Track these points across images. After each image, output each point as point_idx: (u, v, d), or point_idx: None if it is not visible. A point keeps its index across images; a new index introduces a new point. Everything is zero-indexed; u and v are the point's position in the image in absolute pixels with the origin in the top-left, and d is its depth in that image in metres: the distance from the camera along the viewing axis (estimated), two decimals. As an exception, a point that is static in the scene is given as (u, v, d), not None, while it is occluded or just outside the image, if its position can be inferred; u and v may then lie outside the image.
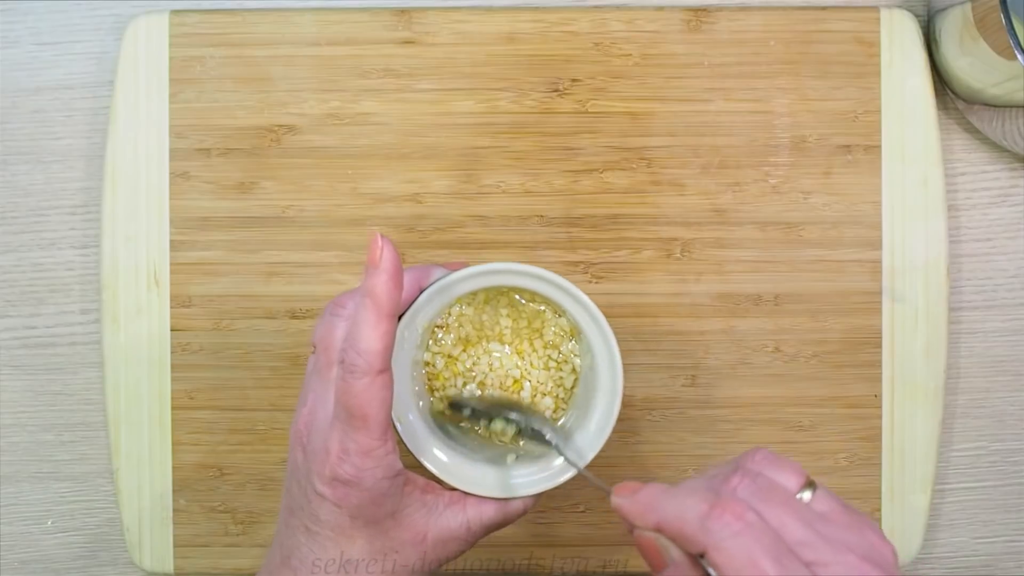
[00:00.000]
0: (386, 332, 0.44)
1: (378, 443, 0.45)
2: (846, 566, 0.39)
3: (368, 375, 0.44)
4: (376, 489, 0.45)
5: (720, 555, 0.38)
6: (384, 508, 0.46)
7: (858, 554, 0.39)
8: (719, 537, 0.38)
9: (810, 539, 0.39)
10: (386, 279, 0.44)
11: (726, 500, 0.39)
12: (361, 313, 0.44)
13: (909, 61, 0.61)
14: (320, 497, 0.45)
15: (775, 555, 0.38)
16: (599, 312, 0.49)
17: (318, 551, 0.46)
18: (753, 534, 0.38)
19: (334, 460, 0.45)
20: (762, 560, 0.38)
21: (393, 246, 0.45)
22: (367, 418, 0.44)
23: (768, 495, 0.40)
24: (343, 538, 0.46)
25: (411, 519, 0.47)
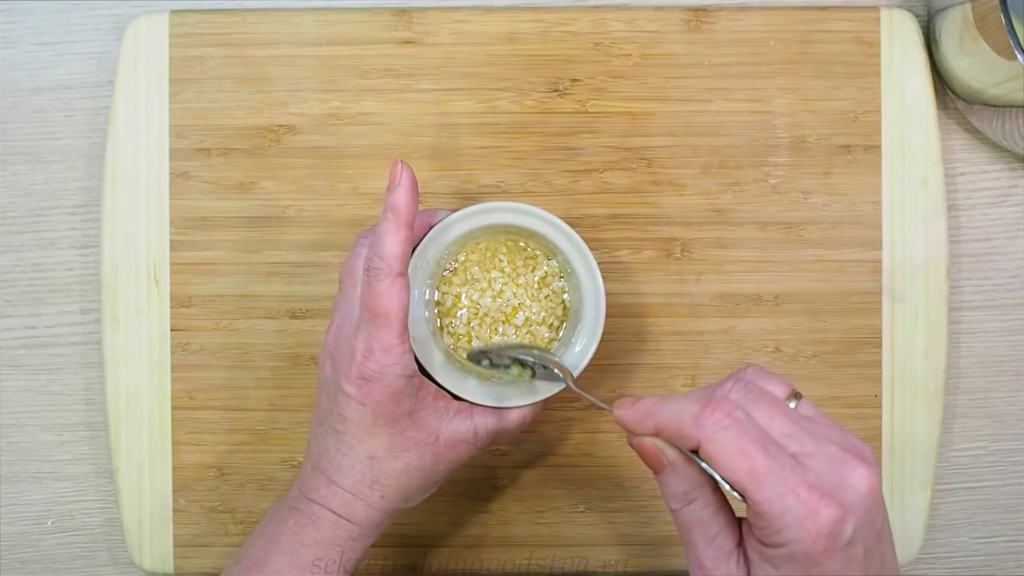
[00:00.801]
0: (405, 239, 0.50)
1: (397, 341, 0.50)
2: (828, 456, 0.42)
3: (389, 276, 0.50)
4: (395, 386, 0.51)
5: (713, 447, 0.42)
6: (402, 406, 0.51)
7: (839, 446, 0.43)
8: (711, 431, 0.42)
9: (795, 433, 0.43)
10: (404, 193, 0.51)
11: (717, 400, 0.43)
12: (383, 224, 0.51)
13: (909, 61, 0.61)
14: (347, 397, 0.51)
15: (762, 445, 0.42)
16: (585, 246, 0.54)
17: (345, 449, 0.52)
18: (742, 427, 0.42)
19: (359, 359, 0.50)
20: (751, 449, 0.41)
21: (411, 169, 0.51)
22: (388, 315, 0.50)
23: (757, 398, 0.44)
24: (367, 435, 0.51)
25: (425, 420, 0.52)
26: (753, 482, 0.41)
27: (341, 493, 0.52)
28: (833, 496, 0.41)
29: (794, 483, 0.41)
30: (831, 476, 0.42)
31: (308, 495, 0.52)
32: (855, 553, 0.42)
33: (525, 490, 0.61)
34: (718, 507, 0.45)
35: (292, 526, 0.52)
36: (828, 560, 0.41)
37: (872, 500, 0.42)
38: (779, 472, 0.41)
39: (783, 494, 0.41)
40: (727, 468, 0.42)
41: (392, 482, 0.52)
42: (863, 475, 0.42)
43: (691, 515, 0.45)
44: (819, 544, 0.41)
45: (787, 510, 0.41)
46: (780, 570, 0.42)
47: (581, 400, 0.61)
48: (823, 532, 0.41)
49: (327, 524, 0.52)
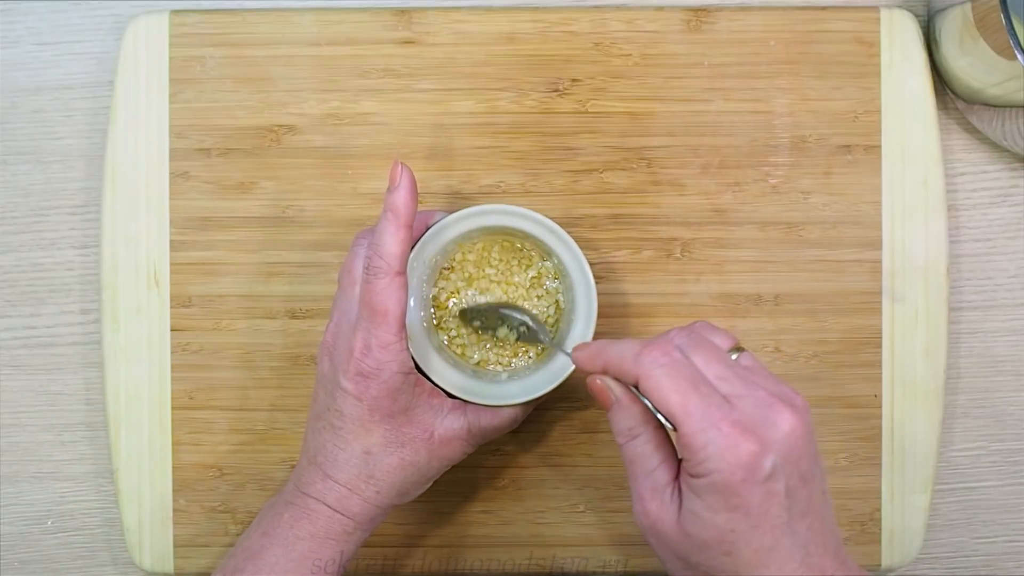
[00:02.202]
0: (404, 239, 0.51)
1: (395, 338, 0.51)
2: (756, 399, 0.45)
3: (388, 275, 0.51)
4: (392, 382, 0.52)
5: (648, 382, 0.45)
6: (399, 403, 0.52)
7: (769, 391, 0.46)
8: (648, 367, 0.46)
9: (728, 376, 0.46)
10: (404, 193, 0.51)
11: (659, 341, 0.47)
12: (383, 224, 0.52)
13: (909, 61, 0.61)
14: (344, 392, 0.52)
15: (694, 383, 0.45)
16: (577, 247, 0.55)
17: (341, 444, 0.53)
18: (677, 366, 0.45)
19: (358, 355, 0.51)
20: (682, 385, 0.45)
21: (411, 170, 0.52)
22: (387, 313, 0.51)
23: (697, 344, 0.47)
24: (363, 430, 0.52)
25: (420, 417, 0.53)
26: (682, 415, 0.44)
27: (337, 488, 0.52)
28: (754, 432, 0.44)
29: (718, 418, 0.44)
30: (756, 416, 0.45)
31: (304, 489, 0.53)
32: (775, 489, 0.44)
33: (525, 490, 0.61)
34: (658, 444, 0.48)
35: (288, 520, 0.53)
36: (746, 492, 0.44)
37: (795, 441, 0.45)
38: (706, 408, 0.44)
39: (707, 428, 0.44)
40: (660, 402, 0.45)
41: (387, 477, 0.53)
42: (787, 417, 0.45)
43: (634, 449, 0.48)
44: (737, 475, 0.44)
45: (710, 442, 0.44)
46: (704, 499, 0.45)
47: (581, 400, 0.61)
48: (740, 464, 0.44)
49: (322, 518, 0.52)
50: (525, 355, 0.58)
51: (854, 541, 0.61)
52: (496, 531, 0.62)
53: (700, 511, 0.45)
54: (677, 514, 0.46)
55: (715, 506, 0.44)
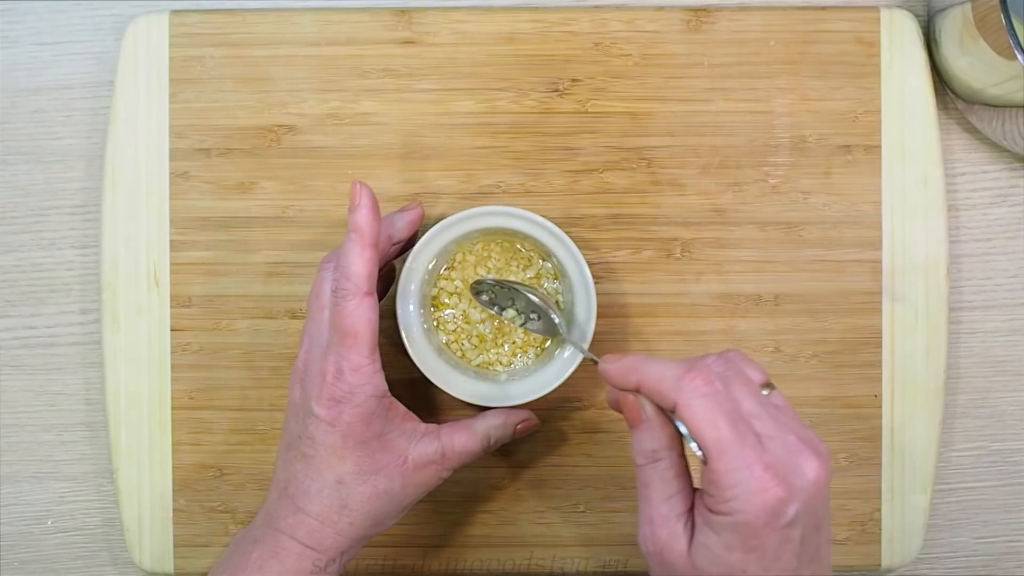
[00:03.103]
0: (370, 259, 0.51)
1: (367, 361, 0.51)
2: (786, 443, 0.45)
3: (356, 296, 0.50)
4: (366, 407, 0.51)
5: (687, 411, 0.45)
6: (372, 428, 0.51)
7: (798, 436, 0.45)
8: (689, 396, 0.45)
9: (762, 415, 0.45)
10: (366, 212, 0.51)
11: (700, 368, 0.45)
12: (347, 245, 0.51)
13: (909, 61, 0.61)
14: (316, 419, 0.51)
15: (732, 419, 0.44)
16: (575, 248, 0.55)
17: (313, 474, 0.52)
18: (717, 398, 0.45)
19: (330, 381, 0.51)
20: (721, 420, 0.44)
21: (370, 188, 0.51)
22: (357, 335, 0.50)
23: (735, 376, 0.46)
24: (336, 458, 0.51)
25: (394, 443, 0.52)
26: (717, 451, 0.44)
27: (308, 521, 0.51)
28: (784, 478, 0.44)
29: (752, 460, 0.44)
30: (786, 460, 0.44)
31: (274, 524, 0.52)
32: (792, 535, 0.44)
33: (525, 490, 0.61)
34: (679, 470, 0.47)
35: (256, 559, 0.51)
36: (766, 535, 0.44)
37: (817, 490, 0.45)
38: (740, 447, 0.44)
39: (740, 468, 0.44)
40: (696, 433, 0.44)
41: (361, 507, 0.52)
42: (814, 466, 0.45)
43: (654, 473, 0.47)
44: (761, 519, 0.43)
45: (740, 483, 0.43)
46: (721, 536, 0.44)
47: (581, 400, 0.61)
48: (767, 508, 0.43)
49: (292, 556, 0.51)
50: (524, 356, 0.58)
51: (854, 541, 0.61)
52: (496, 531, 0.62)
53: (714, 547, 0.44)
54: (688, 545, 0.46)
55: (731, 545, 0.44)
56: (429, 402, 0.61)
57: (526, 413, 0.56)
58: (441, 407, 0.61)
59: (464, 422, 0.55)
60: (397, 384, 0.56)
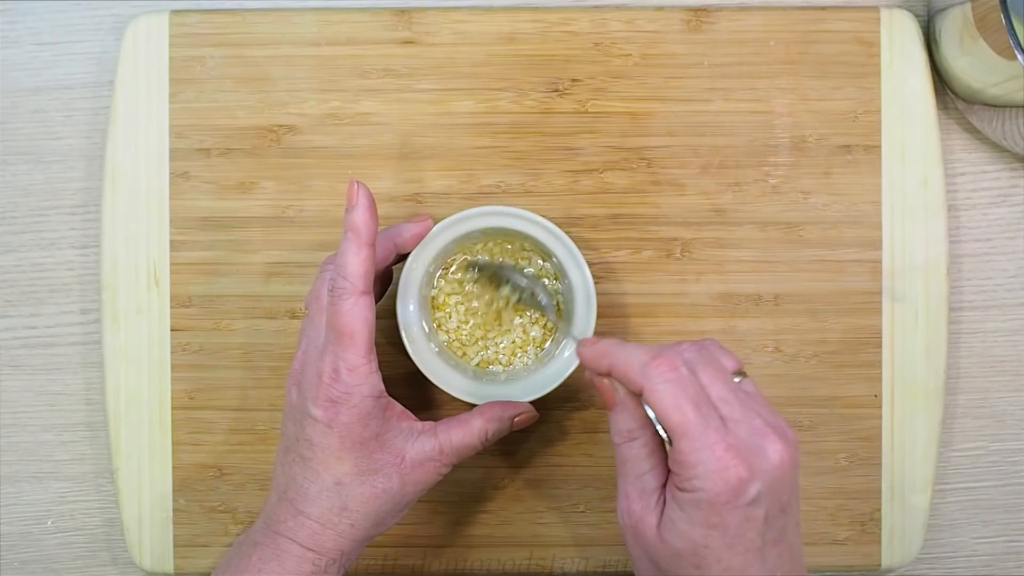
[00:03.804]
0: (367, 258, 0.51)
1: (364, 360, 0.51)
2: (752, 427, 0.46)
3: (353, 295, 0.50)
4: (363, 407, 0.51)
5: (652, 395, 0.46)
6: (370, 428, 0.52)
7: (765, 421, 0.47)
8: (654, 381, 0.46)
9: (729, 399, 0.47)
10: (363, 212, 0.51)
11: (668, 354, 0.47)
12: (344, 245, 0.51)
13: (909, 61, 0.61)
14: (313, 420, 0.51)
15: (696, 402, 0.46)
16: (575, 248, 0.55)
17: (311, 477, 0.52)
18: (681, 383, 0.46)
19: (327, 382, 0.51)
20: (685, 404, 0.45)
21: (367, 188, 0.51)
22: (354, 335, 0.50)
23: (705, 363, 0.47)
24: (334, 460, 0.51)
25: (391, 442, 0.52)
26: (680, 432, 0.45)
27: (308, 524, 0.51)
28: (745, 459, 0.45)
29: (714, 440, 0.45)
30: (749, 442, 0.46)
31: (274, 528, 0.52)
32: (755, 514, 0.45)
33: (525, 490, 0.61)
34: (652, 449, 0.48)
35: (256, 562, 0.51)
36: (728, 513, 0.45)
37: (781, 473, 0.46)
38: (704, 428, 0.45)
39: (701, 448, 0.45)
40: (661, 415, 0.46)
41: (361, 508, 0.52)
42: (778, 449, 0.46)
43: (629, 451, 0.49)
44: (722, 496, 0.45)
45: (701, 462, 0.45)
46: (686, 512, 0.46)
47: (581, 400, 0.61)
48: (728, 487, 0.45)
49: (292, 558, 0.51)
50: (524, 356, 0.58)
51: (854, 541, 0.61)
52: (496, 531, 0.62)
53: (680, 522, 0.46)
54: (658, 519, 0.47)
55: (695, 520, 0.45)
56: (429, 401, 0.61)
57: (523, 406, 0.56)
58: (441, 406, 0.61)
59: (460, 417, 0.54)
60: (397, 383, 0.56)
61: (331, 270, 0.52)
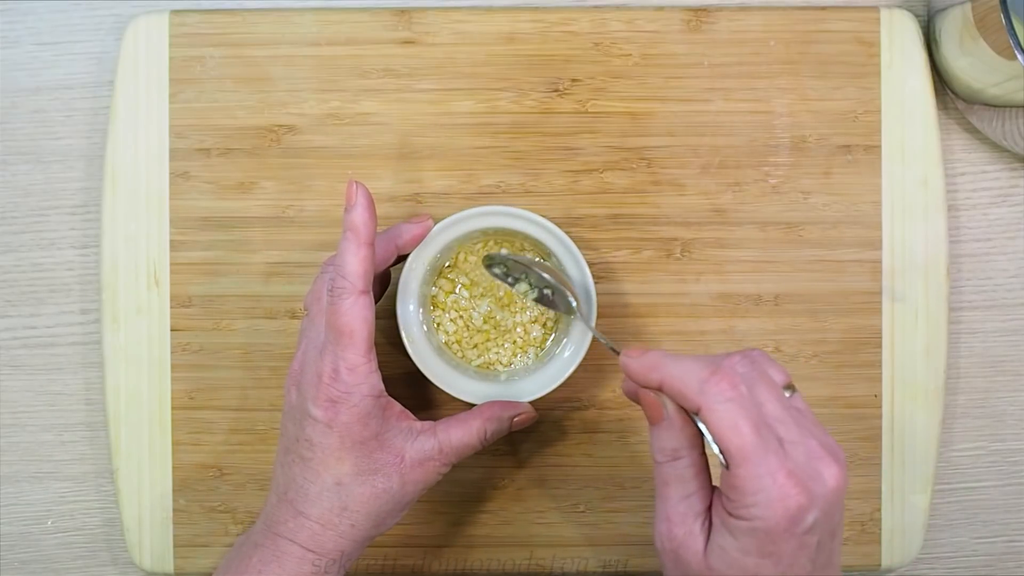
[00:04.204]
0: (365, 257, 0.51)
1: (364, 360, 0.51)
2: (808, 449, 0.45)
3: (352, 295, 0.50)
4: (362, 407, 0.51)
5: (711, 415, 0.44)
6: (369, 428, 0.51)
7: (820, 442, 0.45)
8: (713, 400, 0.44)
9: (785, 419, 0.45)
10: (362, 211, 0.51)
11: (725, 370, 0.45)
12: (343, 244, 0.51)
13: (909, 61, 0.61)
14: (313, 421, 0.51)
15: (755, 424, 0.44)
16: (575, 248, 0.55)
17: (312, 477, 0.51)
18: (742, 403, 0.44)
19: (327, 381, 0.51)
20: (745, 426, 0.43)
21: (366, 188, 0.51)
22: (353, 334, 0.50)
23: (759, 378, 0.46)
24: (334, 460, 0.51)
25: (391, 442, 0.52)
26: (740, 457, 0.43)
27: (309, 524, 0.51)
28: (805, 486, 0.43)
29: (775, 467, 0.43)
30: (807, 467, 0.44)
31: (274, 529, 0.52)
32: (809, 542, 0.44)
33: (525, 490, 0.61)
34: (699, 469, 0.47)
35: (256, 563, 0.51)
36: (784, 542, 0.43)
37: (837, 497, 0.45)
38: (764, 454, 0.43)
39: (762, 475, 0.43)
40: (720, 438, 0.44)
41: (362, 508, 0.52)
42: (834, 473, 0.45)
43: (674, 471, 0.47)
44: (781, 525, 0.43)
45: (762, 490, 0.43)
46: (739, 540, 0.44)
47: (581, 400, 0.61)
48: (788, 515, 0.43)
49: (293, 560, 0.51)
50: (524, 356, 0.58)
51: (854, 541, 0.61)
52: (496, 531, 0.62)
53: (731, 549, 0.44)
54: (704, 545, 0.45)
55: (748, 549, 0.44)
56: (428, 401, 0.61)
57: (522, 406, 0.56)
58: (440, 405, 0.61)
59: (460, 416, 0.54)
60: (397, 383, 0.56)
61: (331, 271, 0.52)
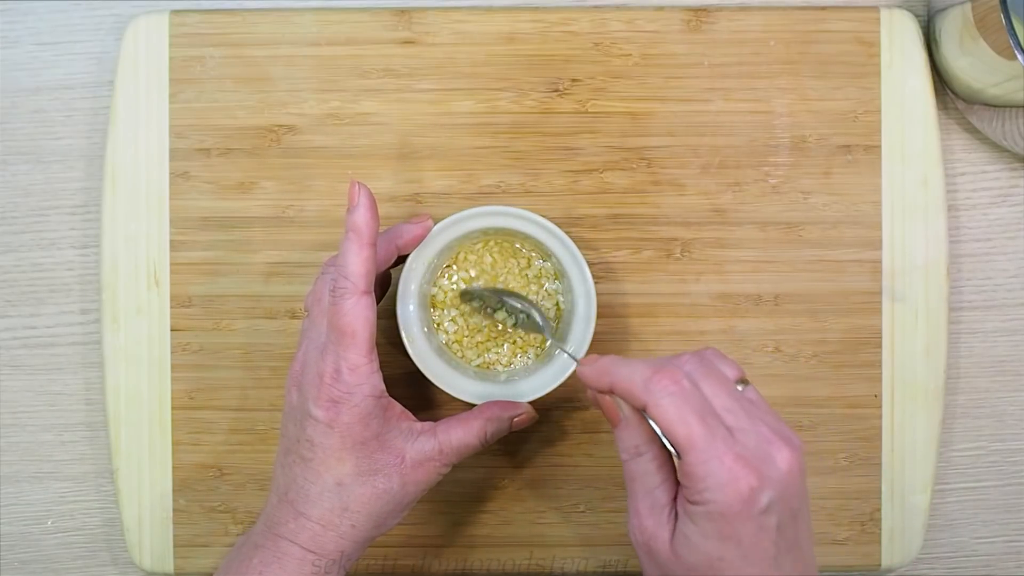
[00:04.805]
0: (368, 258, 0.51)
1: (365, 360, 0.51)
2: (758, 435, 0.46)
3: (354, 295, 0.51)
4: (363, 407, 0.51)
5: (656, 410, 0.45)
6: (371, 428, 0.52)
7: (771, 428, 0.46)
8: (657, 396, 0.45)
9: (734, 409, 0.46)
10: (364, 212, 0.51)
11: (669, 368, 0.46)
12: (345, 245, 0.51)
13: (909, 61, 0.61)
14: (314, 421, 0.51)
15: (701, 414, 0.45)
16: (575, 248, 0.55)
17: (312, 478, 0.52)
18: (685, 396, 0.45)
19: (328, 381, 0.51)
20: (690, 416, 0.45)
21: (368, 188, 0.52)
22: (355, 334, 0.50)
23: (707, 373, 0.47)
24: (335, 460, 0.51)
25: (392, 442, 0.52)
26: (687, 446, 0.45)
27: (310, 525, 0.51)
28: (755, 468, 0.45)
29: (722, 451, 0.45)
30: (757, 451, 0.45)
31: (275, 530, 0.52)
32: (767, 523, 0.45)
33: (525, 490, 0.61)
34: (661, 463, 0.48)
35: (257, 565, 0.51)
36: (740, 523, 0.44)
37: (790, 480, 0.46)
38: (711, 440, 0.45)
39: (710, 459, 0.44)
40: (667, 430, 0.45)
41: (363, 508, 0.52)
42: (786, 456, 0.46)
43: (637, 467, 0.48)
44: (734, 507, 0.44)
45: (711, 474, 0.44)
46: (699, 526, 0.45)
47: (581, 400, 0.61)
48: (740, 497, 0.44)
49: (293, 561, 0.51)
50: (524, 356, 0.58)
51: (854, 541, 0.61)
52: (496, 531, 0.62)
53: (693, 536, 0.45)
54: (671, 535, 0.47)
55: (708, 533, 0.45)
56: (429, 401, 0.61)
57: (523, 406, 0.56)
58: (441, 406, 0.61)
59: (460, 417, 0.54)
60: (397, 383, 0.56)
61: (332, 271, 0.52)
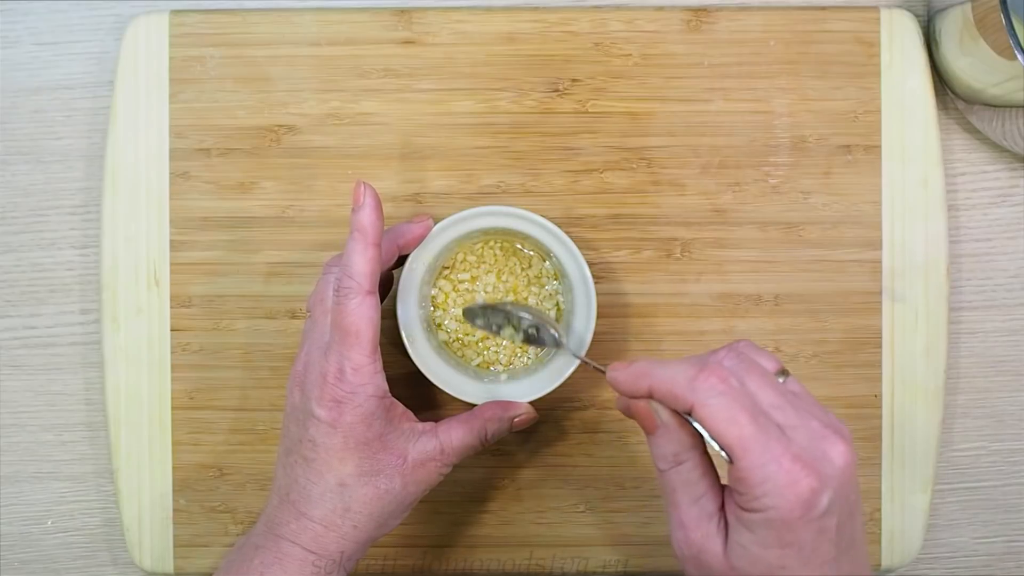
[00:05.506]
0: (372, 258, 0.51)
1: (368, 360, 0.51)
2: (810, 430, 0.44)
3: (359, 295, 0.50)
4: (367, 407, 0.51)
5: (705, 411, 0.43)
6: (373, 429, 0.51)
7: (821, 422, 0.44)
8: (705, 396, 0.43)
9: (782, 405, 0.44)
10: (369, 212, 0.51)
11: (713, 366, 0.44)
12: (350, 244, 0.51)
13: (909, 61, 0.61)
14: (317, 421, 0.51)
15: (752, 414, 0.43)
16: (575, 248, 0.55)
17: (314, 478, 0.51)
18: (734, 395, 0.43)
19: (332, 381, 0.51)
20: (741, 416, 0.43)
21: (373, 188, 0.51)
22: (359, 334, 0.50)
23: (749, 368, 0.45)
24: (337, 460, 0.51)
25: (394, 443, 0.52)
26: (741, 449, 0.42)
27: (312, 526, 0.51)
28: (813, 468, 0.42)
29: (778, 452, 0.42)
30: (812, 449, 0.43)
31: (276, 531, 0.52)
32: (828, 525, 0.43)
33: (525, 490, 0.61)
34: (705, 470, 0.46)
35: (258, 565, 0.51)
36: (802, 528, 0.42)
37: (848, 475, 0.44)
38: (765, 441, 0.42)
39: (767, 463, 0.42)
40: (717, 433, 0.43)
41: (364, 509, 0.52)
42: (842, 451, 0.44)
43: (679, 476, 0.46)
44: (795, 512, 0.42)
45: (769, 478, 0.42)
46: (756, 534, 0.43)
47: (581, 400, 0.61)
48: (801, 501, 0.42)
49: (294, 562, 0.51)
50: (524, 355, 0.58)
51: (854, 541, 0.61)
52: (496, 531, 0.62)
53: (750, 545, 0.43)
54: (723, 546, 0.44)
55: (767, 541, 0.43)
56: (429, 401, 0.61)
57: (523, 406, 0.56)
58: (441, 406, 0.61)
59: (461, 417, 0.54)
60: (397, 383, 0.56)
61: (335, 272, 0.52)
